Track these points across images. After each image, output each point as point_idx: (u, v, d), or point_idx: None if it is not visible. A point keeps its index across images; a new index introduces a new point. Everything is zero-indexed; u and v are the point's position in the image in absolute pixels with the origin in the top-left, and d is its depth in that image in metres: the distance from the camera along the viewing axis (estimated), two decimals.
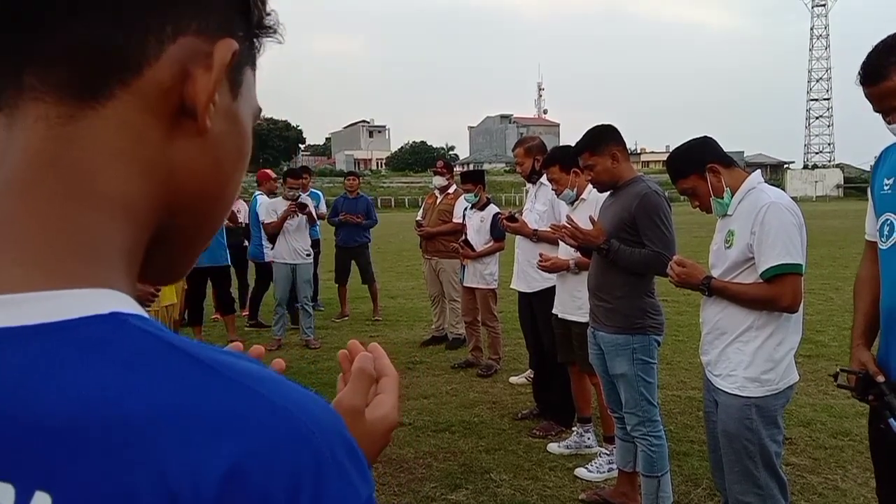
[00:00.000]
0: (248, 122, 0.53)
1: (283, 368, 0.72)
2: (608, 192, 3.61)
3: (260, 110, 0.55)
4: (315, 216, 7.68)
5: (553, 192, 4.46)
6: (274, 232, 7.50)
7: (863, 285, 2.60)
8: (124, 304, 0.42)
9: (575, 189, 4.25)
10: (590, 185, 4.13)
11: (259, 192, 8.39)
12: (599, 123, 3.61)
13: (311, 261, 7.75)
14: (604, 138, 3.48)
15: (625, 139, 3.58)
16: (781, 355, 2.65)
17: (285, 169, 9.91)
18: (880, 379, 2.36)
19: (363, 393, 0.62)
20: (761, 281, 2.62)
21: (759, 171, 2.83)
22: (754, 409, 2.63)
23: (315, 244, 8.52)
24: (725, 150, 2.87)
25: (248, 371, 0.42)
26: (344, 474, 0.41)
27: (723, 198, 2.74)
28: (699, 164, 2.78)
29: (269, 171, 8.78)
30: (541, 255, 4.42)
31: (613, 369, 3.43)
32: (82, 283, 0.42)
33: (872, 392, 2.38)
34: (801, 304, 2.70)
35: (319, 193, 9.16)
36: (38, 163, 0.43)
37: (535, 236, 4.92)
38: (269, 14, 0.52)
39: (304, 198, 7.66)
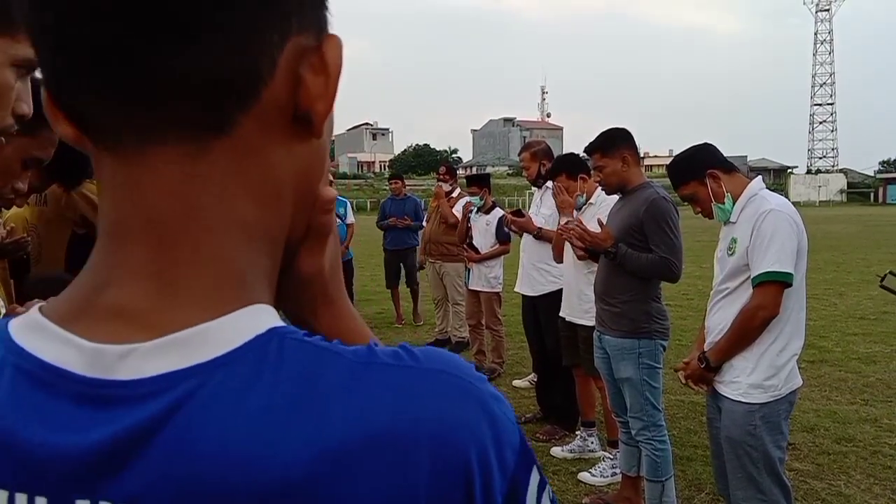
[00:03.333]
0: None
1: None
2: (617, 197, 3.62)
3: None
4: None
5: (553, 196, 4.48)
6: None
7: None
8: (274, 317, 0.43)
9: (584, 195, 4.26)
10: (598, 190, 4.14)
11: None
12: (613, 126, 3.63)
13: None
14: (616, 141, 3.50)
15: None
16: (784, 361, 2.66)
17: None
18: None
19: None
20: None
21: (760, 177, 2.84)
22: (758, 416, 2.64)
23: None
24: (729, 155, 2.89)
25: (404, 353, 0.44)
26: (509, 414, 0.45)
27: (724, 203, 2.76)
28: (699, 170, 2.80)
29: None
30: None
31: (619, 373, 3.44)
32: (236, 306, 0.42)
33: None
34: (805, 310, 2.72)
35: None
36: (176, 203, 0.42)
37: (539, 234, 4.94)
38: None
39: None
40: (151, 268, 0.42)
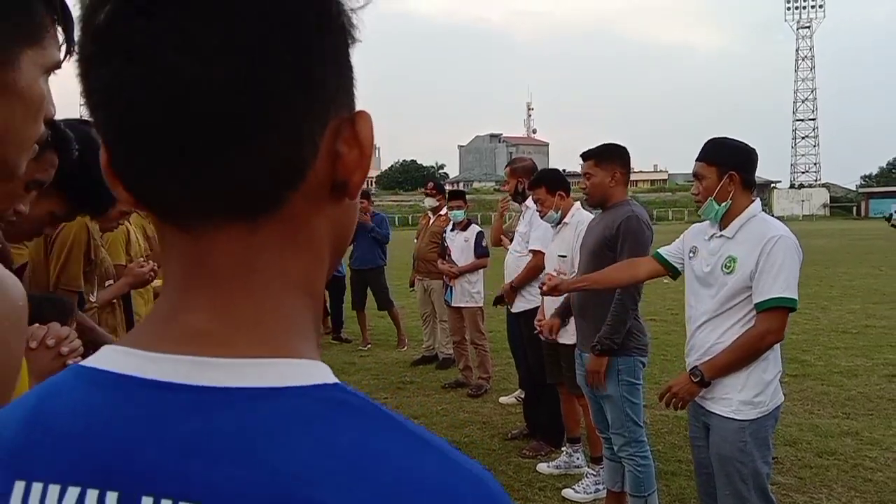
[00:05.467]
0: None
1: None
2: (592, 218, 3.68)
3: None
4: None
5: (537, 212, 4.52)
6: None
7: None
8: (333, 377, 0.48)
9: (559, 211, 4.31)
10: (573, 209, 4.22)
11: None
12: (615, 142, 3.68)
13: None
14: (612, 155, 3.56)
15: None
16: (770, 377, 2.72)
17: None
18: None
19: None
20: (742, 327, 2.71)
21: (759, 199, 2.86)
22: (748, 432, 2.69)
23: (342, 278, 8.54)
24: None
25: (440, 442, 0.47)
26: None
27: (718, 206, 2.77)
28: (729, 162, 2.79)
29: None
30: (538, 322, 4.39)
31: (599, 390, 3.48)
32: (296, 355, 0.48)
33: None
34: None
35: None
36: (236, 267, 0.48)
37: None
38: None
39: None
40: (216, 311, 0.48)
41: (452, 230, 6.66)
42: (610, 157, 3.54)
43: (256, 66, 0.44)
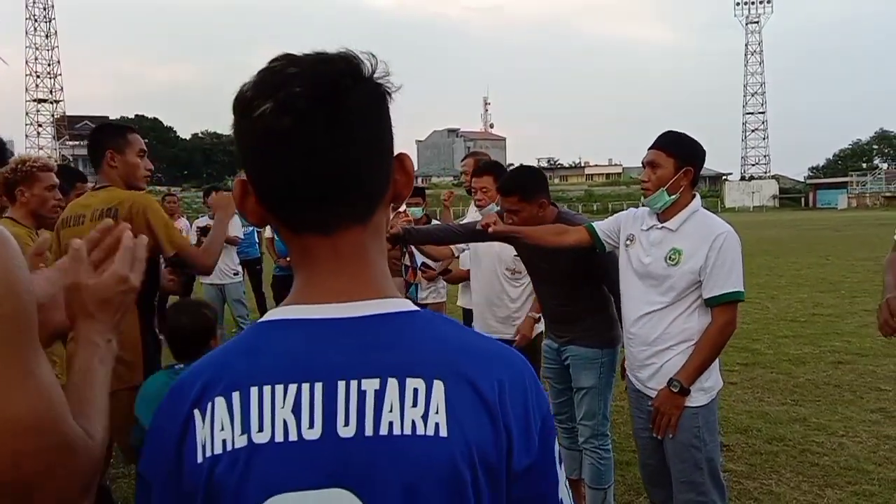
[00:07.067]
0: None
1: None
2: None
3: None
4: (234, 238, 7.53)
5: (476, 203, 4.26)
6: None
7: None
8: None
9: (500, 205, 4.19)
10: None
11: None
12: (527, 166, 3.53)
13: (240, 280, 7.75)
14: (536, 187, 3.40)
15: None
16: (713, 364, 2.80)
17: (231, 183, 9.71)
18: None
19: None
20: (698, 324, 2.76)
21: (698, 195, 2.91)
22: (700, 418, 2.75)
23: (257, 262, 8.76)
24: None
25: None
26: (541, 387, 0.86)
27: (667, 198, 2.79)
28: (686, 159, 2.80)
29: None
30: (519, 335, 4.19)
31: (580, 382, 3.42)
32: (397, 296, 0.85)
33: None
34: None
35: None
36: (358, 251, 0.85)
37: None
38: None
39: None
40: (349, 277, 0.84)
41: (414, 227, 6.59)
42: (534, 190, 3.36)
43: (370, 149, 0.83)
